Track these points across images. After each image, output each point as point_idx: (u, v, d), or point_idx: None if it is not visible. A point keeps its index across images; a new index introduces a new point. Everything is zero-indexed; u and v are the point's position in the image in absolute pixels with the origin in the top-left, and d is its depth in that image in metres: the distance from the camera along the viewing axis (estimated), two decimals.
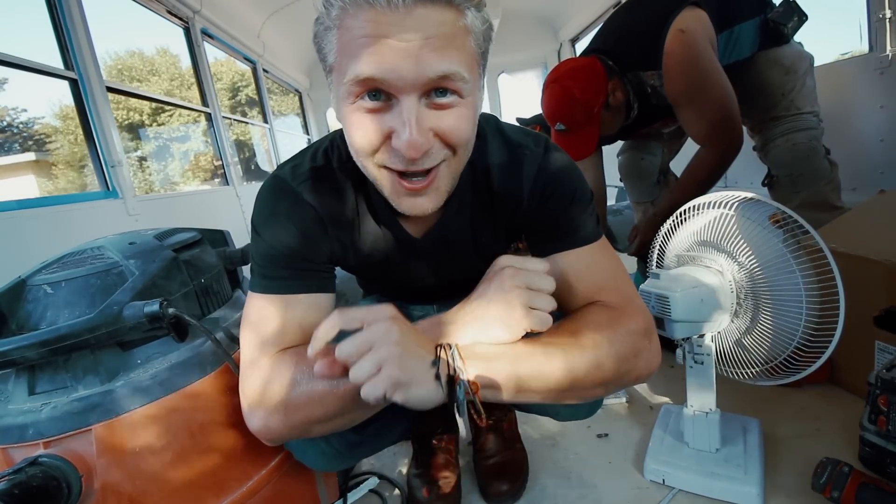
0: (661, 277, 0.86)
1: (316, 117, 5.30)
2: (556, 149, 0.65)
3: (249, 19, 3.54)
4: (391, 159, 0.50)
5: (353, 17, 0.44)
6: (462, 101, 0.49)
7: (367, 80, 0.45)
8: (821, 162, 1.32)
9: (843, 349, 1.09)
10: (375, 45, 0.44)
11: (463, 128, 0.50)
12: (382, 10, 0.43)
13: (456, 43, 0.46)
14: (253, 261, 0.64)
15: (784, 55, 1.31)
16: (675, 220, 0.97)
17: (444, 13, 0.45)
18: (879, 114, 1.60)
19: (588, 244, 0.64)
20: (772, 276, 0.82)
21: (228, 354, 0.68)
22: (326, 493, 0.89)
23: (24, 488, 0.50)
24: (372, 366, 0.45)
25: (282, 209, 0.61)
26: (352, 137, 0.51)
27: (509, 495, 0.93)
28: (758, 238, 0.84)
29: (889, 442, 0.80)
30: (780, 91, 1.31)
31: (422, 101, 0.47)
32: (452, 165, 0.54)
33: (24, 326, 0.63)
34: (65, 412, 0.58)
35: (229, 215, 2.90)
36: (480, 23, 0.49)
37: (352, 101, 0.48)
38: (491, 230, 0.69)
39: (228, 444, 0.68)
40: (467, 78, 0.47)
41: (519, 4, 4.39)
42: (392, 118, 0.48)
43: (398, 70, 0.44)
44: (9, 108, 11.14)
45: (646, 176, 1.68)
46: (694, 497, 0.87)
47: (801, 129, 1.30)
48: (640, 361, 0.58)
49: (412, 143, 0.46)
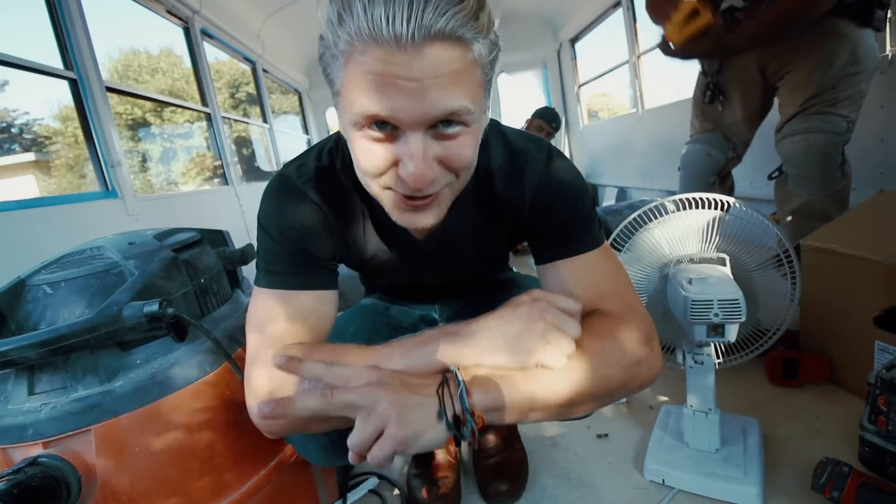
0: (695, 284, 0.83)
1: (315, 117, 5.30)
2: (559, 155, 0.65)
3: (249, 19, 3.54)
4: (397, 185, 0.51)
5: (361, 52, 0.43)
6: (467, 130, 0.49)
7: (375, 116, 0.45)
8: (832, 171, 1.27)
9: (843, 349, 1.10)
10: (383, 83, 0.43)
11: (466, 154, 0.51)
12: (391, 49, 0.42)
13: (463, 79, 0.46)
14: (258, 256, 0.64)
15: (863, 40, 1.22)
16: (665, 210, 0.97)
17: (453, 51, 0.44)
18: (879, 114, 1.60)
19: (590, 251, 0.64)
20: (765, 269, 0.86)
21: (228, 354, 0.68)
22: (326, 493, 0.89)
23: (23, 488, 0.50)
24: (373, 430, 0.44)
25: (287, 206, 0.62)
26: (357, 160, 0.52)
27: (509, 495, 0.93)
28: (754, 237, 0.86)
29: (889, 442, 0.80)
30: (836, 78, 1.23)
31: (428, 132, 0.47)
32: (455, 187, 0.55)
33: (23, 326, 0.63)
34: (64, 412, 0.58)
35: (229, 215, 2.90)
36: (487, 52, 0.48)
37: (358, 129, 0.48)
38: (493, 233, 0.69)
39: (228, 445, 0.68)
40: (473, 110, 0.47)
41: (519, 4, 4.39)
42: (398, 148, 0.48)
43: (405, 109, 0.44)
44: (9, 108, 11.14)
45: (704, 173, 1.60)
46: (694, 497, 0.87)
47: (824, 130, 1.24)
48: (643, 369, 0.59)
49: (418, 175, 0.47)
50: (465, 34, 0.43)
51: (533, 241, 0.68)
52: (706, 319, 0.81)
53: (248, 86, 5.17)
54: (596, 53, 4.71)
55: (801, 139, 1.27)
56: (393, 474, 1.05)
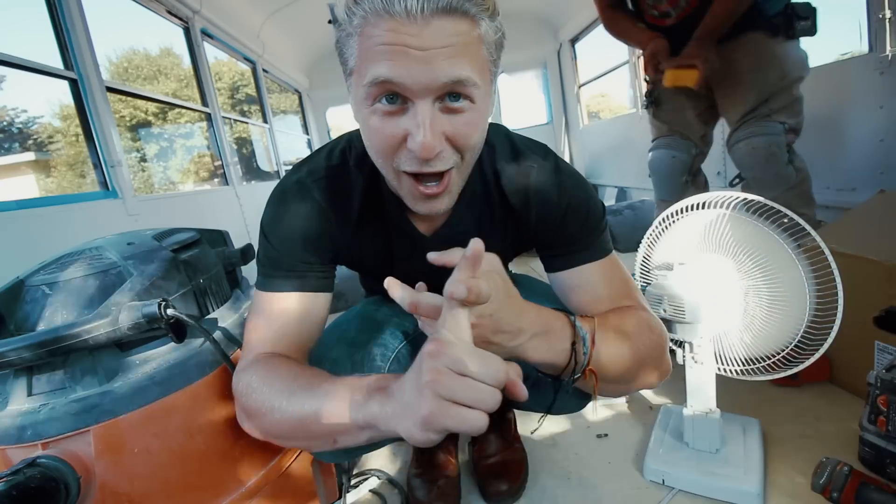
0: (669, 278, 0.86)
1: (315, 117, 5.30)
2: (566, 163, 0.67)
3: (249, 19, 3.54)
4: (407, 161, 0.52)
5: (374, 25, 0.46)
6: (473, 107, 0.51)
7: (385, 83, 0.48)
8: (782, 168, 1.32)
9: (843, 349, 1.09)
10: (394, 51, 0.46)
11: (472, 133, 0.53)
12: (401, 21, 0.45)
13: (470, 51, 0.48)
14: (258, 260, 0.66)
15: (789, 54, 1.29)
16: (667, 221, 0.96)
17: (459, 23, 0.47)
18: (879, 114, 1.60)
19: (601, 259, 0.65)
20: (774, 274, 0.83)
21: (226, 355, 0.68)
22: (326, 493, 0.89)
23: (22, 489, 0.50)
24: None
25: (290, 211, 0.63)
26: (370, 139, 0.54)
27: (509, 495, 0.93)
28: (758, 238, 0.84)
29: (889, 442, 0.79)
30: (768, 93, 1.31)
31: (436, 104, 0.49)
32: (462, 170, 0.56)
33: (22, 327, 0.63)
34: (63, 413, 0.58)
35: (229, 215, 2.90)
36: (493, 32, 0.51)
37: (370, 104, 0.50)
38: (498, 236, 0.70)
39: (227, 445, 0.68)
40: (479, 84, 0.50)
41: (519, 4, 4.39)
42: (407, 120, 0.50)
43: (414, 74, 0.46)
44: (8, 108, 11.13)
45: (675, 174, 1.66)
46: (694, 497, 0.87)
47: (763, 133, 1.31)
48: (663, 365, 0.63)
49: (426, 144, 0.49)
50: (470, 9, 0.47)
51: (542, 249, 0.69)
52: (679, 318, 0.86)
53: (248, 87, 5.17)
54: (596, 53, 4.72)
55: (744, 144, 1.34)
56: (393, 474, 1.05)
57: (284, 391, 0.54)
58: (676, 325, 0.87)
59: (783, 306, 0.83)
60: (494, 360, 0.40)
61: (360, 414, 0.48)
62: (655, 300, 0.87)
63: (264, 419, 0.56)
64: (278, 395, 0.54)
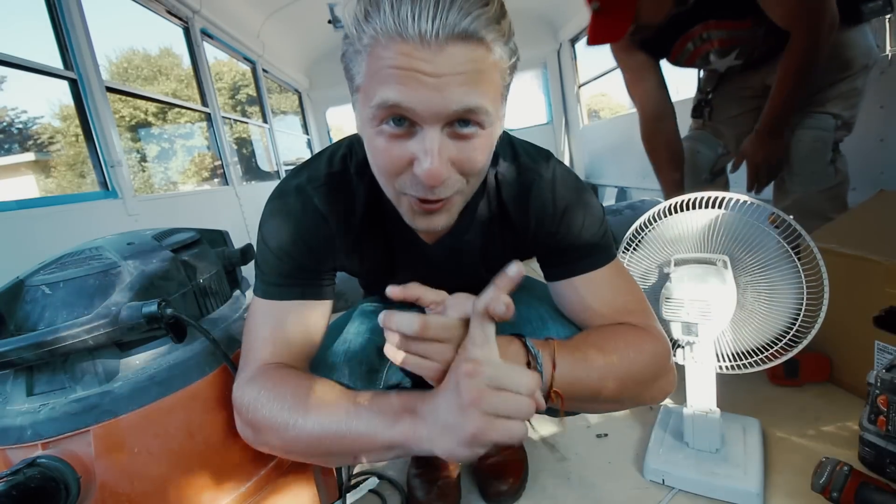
0: (674, 280, 0.86)
1: (315, 117, 5.30)
2: (568, 171, 0.65)
3: (249, 19, 3.54)
4: (412, 187, 0.51)
5: (385, 47, 0.44)
6: (482, 133, 0.49)
7: (394, 107, 0.45)
8: (822, 167, 1.25)
9: (843, 349, 1.09)
10: (405, 76, 0.44)
11: (479, 159, 0.51)
12: (415, 45, 0.43)
13: (483, 78, 0.46)
14: (256, 265, 0.65)
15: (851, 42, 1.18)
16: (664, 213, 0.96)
17: (475, 50, 0.44)
18: (879, 114, 1.60)
19: (603, 266, 0.64)
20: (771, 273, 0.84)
21: (227, 355, 0.68)
22: (326, 493, 0.89)
23: (22, 489, 0.50)
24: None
25: (291, 218, 0.62)
26: (374, 158, 0.52)
27: (509, 495, 0.93)
28: (757, 238, 0.85)
29: (889, 442, 0.79)
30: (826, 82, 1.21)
31: (444, 130, 0.47)
32: (465, 193, 0.55)
33: (22, 327, 0.63)
34: (63, 413, 0.58)
35: (229, 215, 2.90)
36: (508, 56, 0.48)
37: (376, 125, 0.48)
38: (500, 244, 0.69)
39: (227, 445, 0.68)
40: (490, 111, 0.48)
41: (519, 4, 4.38)
42: (414, 145, 0.48)
43: (425, 101, 0.44)
44: (8, 108, 11.13)
45: (696, 171, 1.59)
46: (694, 497, 0.87)
47: (811, 127, 1.24)
48: (663, 382, 0.61)
49: (433, 172, 0.47)
50: (486, 35, 0.44)
51: (543, 257, 0.68)
52: (678, 318, 0.86)
53: (248, 87, 5.17)
54: (596, 53, 4.72)
55: (787, 133, 1.27)
56: (393, 474, 1.05)
57: (299, 408, 0.53)
58: (676, 325, 0.87)
59: (780, 299, 0.84)
60: (524, 373, 0.44)
61: (388, 435, 0.48)
62: (655, 300, 0.87)
63: (276, 435, 0.55)
64: (291, 412, 0.53)
